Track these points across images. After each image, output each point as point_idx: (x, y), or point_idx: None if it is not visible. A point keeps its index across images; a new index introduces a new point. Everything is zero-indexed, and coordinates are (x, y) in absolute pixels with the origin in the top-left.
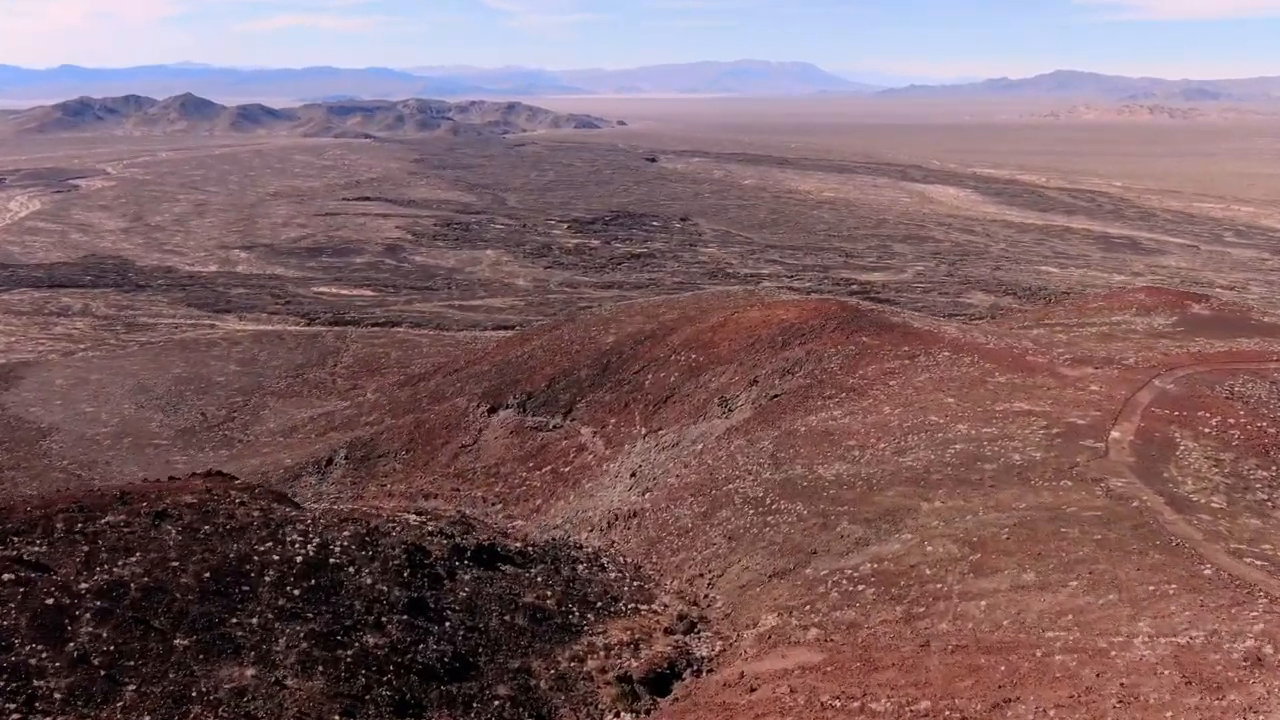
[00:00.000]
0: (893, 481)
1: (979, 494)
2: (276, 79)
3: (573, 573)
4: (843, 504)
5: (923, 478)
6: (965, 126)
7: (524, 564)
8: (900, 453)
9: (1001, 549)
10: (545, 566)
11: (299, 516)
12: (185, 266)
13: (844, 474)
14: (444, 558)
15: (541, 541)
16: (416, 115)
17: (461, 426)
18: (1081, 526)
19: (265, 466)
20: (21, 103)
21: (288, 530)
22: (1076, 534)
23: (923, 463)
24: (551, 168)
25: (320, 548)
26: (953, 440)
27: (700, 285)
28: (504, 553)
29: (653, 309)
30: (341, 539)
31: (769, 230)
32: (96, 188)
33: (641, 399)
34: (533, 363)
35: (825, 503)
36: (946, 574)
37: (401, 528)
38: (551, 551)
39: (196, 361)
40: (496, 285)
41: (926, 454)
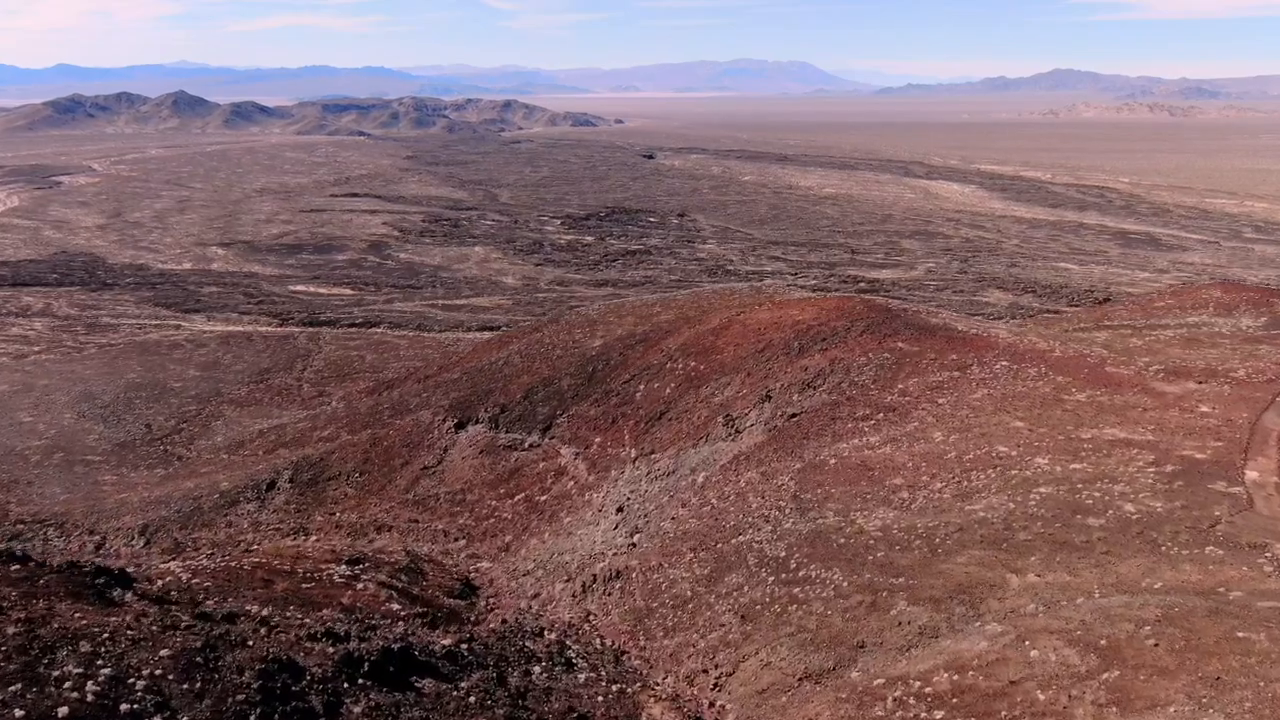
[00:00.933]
0: (962, 540)
1: (1089, 564)
2: (273, 78)
3: (525, 682)
4: (897, 572)
5: (1004, 536)
6: (964, 124)
7: (454, 674)
8: (965, 497)
9: (1149, 662)
10: (485, 675)
11: (92, 629)
12: (158, 264)
13: (893, 526)
14: (327, 678)
15: (485, 635)
16: (412, 113)
17: (424, 444)
18: (1267, 627)
19: (199, 490)
20: (16, 102)
21: (62, 658)
22: (1264, 641)
23: (999, 514)
24: (546, 164)
25: (111, 686)
26: (1034, 481)
27: (699, 283)
28: (424, 658)
29: (646, 309)
30: (152, 666)
31: (770, 226)
32: (79, 184)
33: (632, 414)
34: (508, 370)
35: (872, 569)
36: (1070, 702)
37: (267, 631)
38: (497, 649)
39: (154, 366)
40: (483, 283)
41: (1002, 500)
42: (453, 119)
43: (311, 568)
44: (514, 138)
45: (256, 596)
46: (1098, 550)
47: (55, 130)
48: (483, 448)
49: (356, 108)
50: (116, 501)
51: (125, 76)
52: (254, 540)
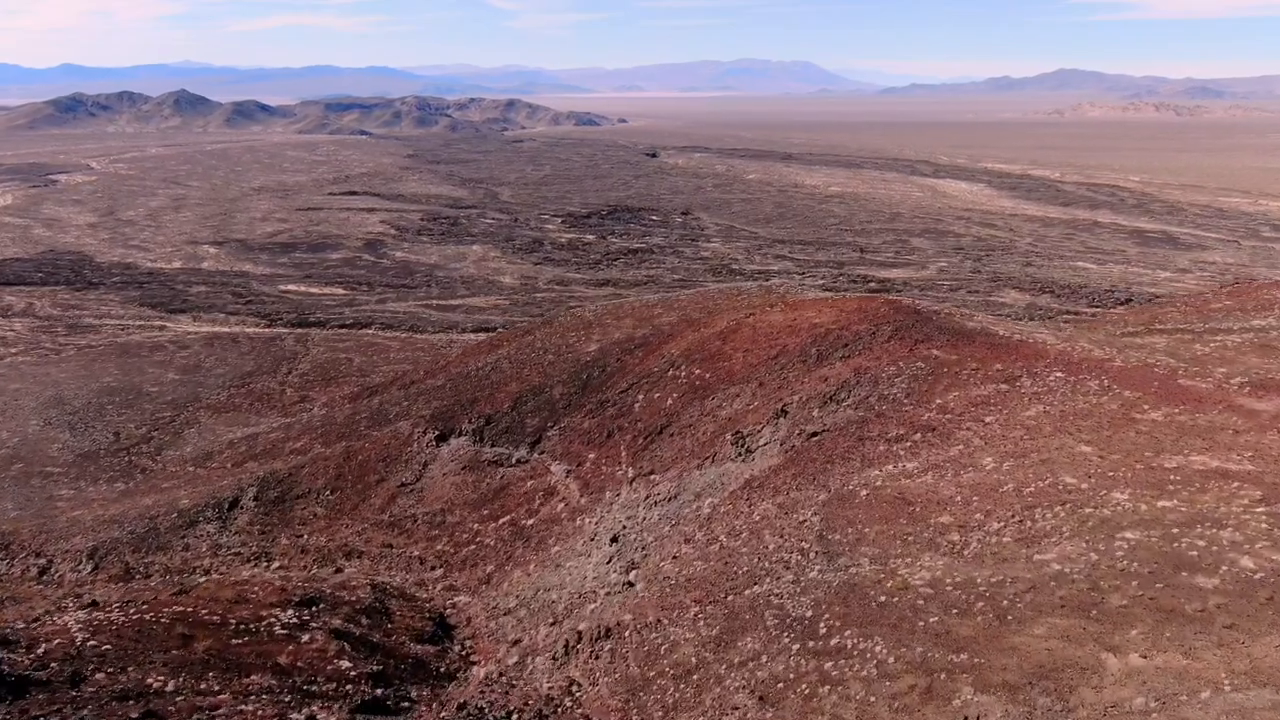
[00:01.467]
0: (1037, 603)
1: (1209, 641)
2: (276, 78)
3: None
4: (957, 645)
5: (1091, 599)
6: (970, 124)
7: None
8: (1031, 542)
9: None
10: None
11: None
12: (147, 263)
13: (945, 580)
14: None
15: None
16: (414, 112)
17: (402, 459)
18: None
19: (157, 508)
20: (19, 101)
21: None
22: None
23: (1080, 567)
24: (548, 162)
25: None
26: (1116, 523)
27: (703, 282)
28: None
29: (646, 310)
30: None
31: (776, 225)
32: (75, 183)
33: (630, 428)
34: (496, 377)
35: (924, 640)
36: None
37: None
38: None
39: (133, 368)
40: (480, 283)
41: (1080, 549)
42: (455, 118)
43: (250, 616)
44: (516, 137)
45: (168, 661)
46: (1218, 623)
47: (56, 129)
48: (465, 463)
49: (359, 107)
50: (69, 520)
51: (129, 76)
52: (211, 566)
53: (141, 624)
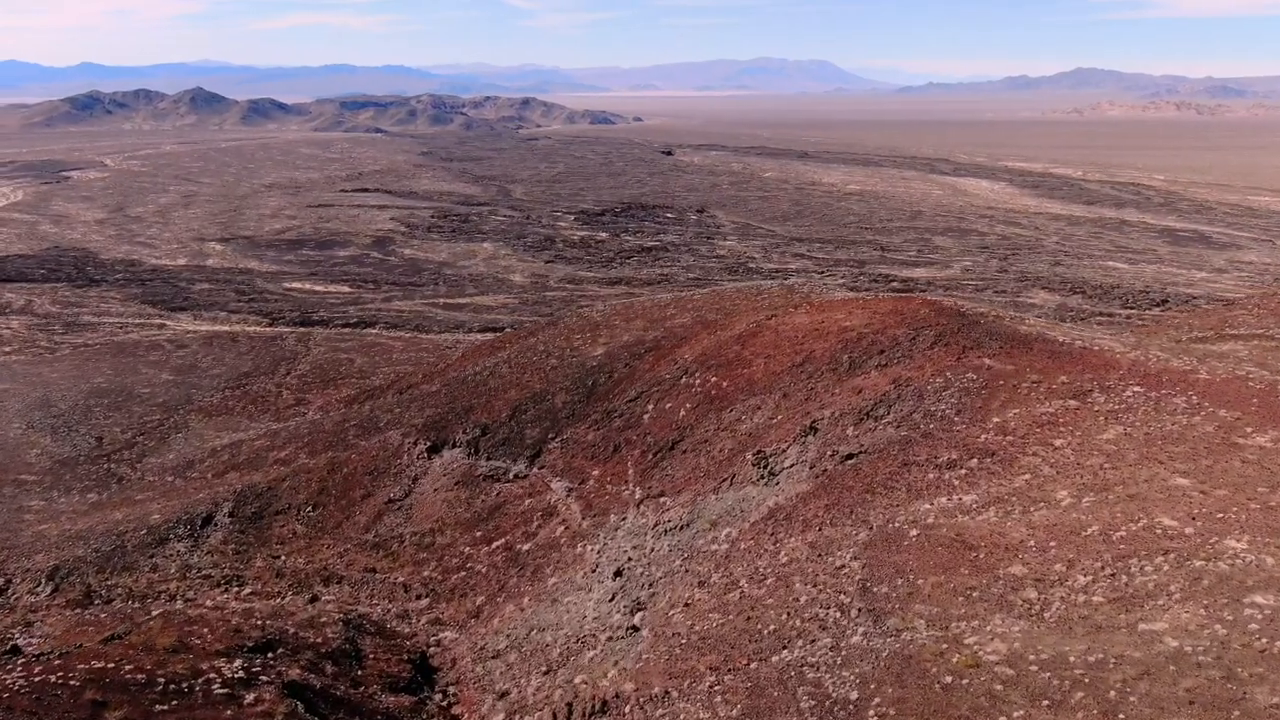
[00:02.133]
0: (1155, 698)
1: None
2: (293, 76)
3: None
4: None
5: (1228, 694)
6: (988, 123)
7: None
8: (1130, 605)
9: None
10: None
11: None
12: (152, 260)
13: (1026, 654)
14: None
15: None
16: (429, 110)
17: (391, 472)
18: None
19: (127, 524)
20: (37, 99)
21: None
22: None
23: (1204, 644)
24: (562, 160)
25: None
26: (1241, 583)
27: (719, 281)
28: None
29: (658, 310)
30: None
31: (793, 222)
32: (87, 179)
33: (638, 441)
34: (494, 382)
35: None
36: None
37: None
38: None
39: (126, 369)
40: (489, 281)
41: (1198, 617)
42: (470, 116)
43: (187, 670)
44: (531, 135)
45: None
46: None
47: (73, 126)
48: (459, 478)
49: (374, 105)
50: (34, 535)
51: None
52: (178, 590)
53: (44, 688)
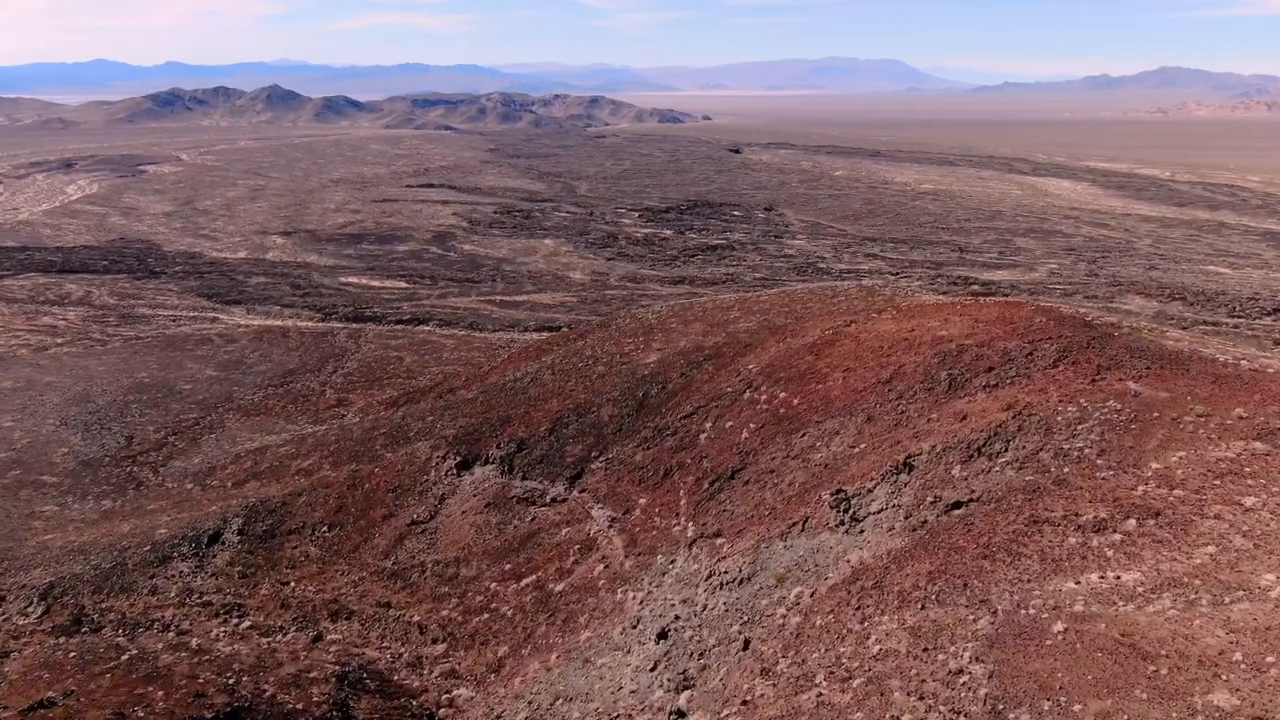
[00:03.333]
0: None
1: None
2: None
3: None
4: None
5: None
6: (1067, 123)
7: None
8: None
9: None
10: None
11: None
12: (213, 252)
13: None
14: None
15: None
16: (499, 108)
17: (416, 489)
18: None
19: (132, 538)
20: (124, 97)
21: None
22: None
23: None
24: (629, 157)
25: None
26: None
27: (787, 282)
28: None
29: (719, 312)
30: None
31: (865, 222)
32: (161, 173)
33: (693, 467)
34: (535, 390)
35: None
36: None
37: None
38: None
39: (173, 363)
40: (548, 278)
41: None
42: (539, 114)
43: None
44: (599, 133)
45: None
46: None
47: (154, 123)
48: (490, 499)
49: (445, 103)
50: (38, 545)
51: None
52: (173, 619)
53: None
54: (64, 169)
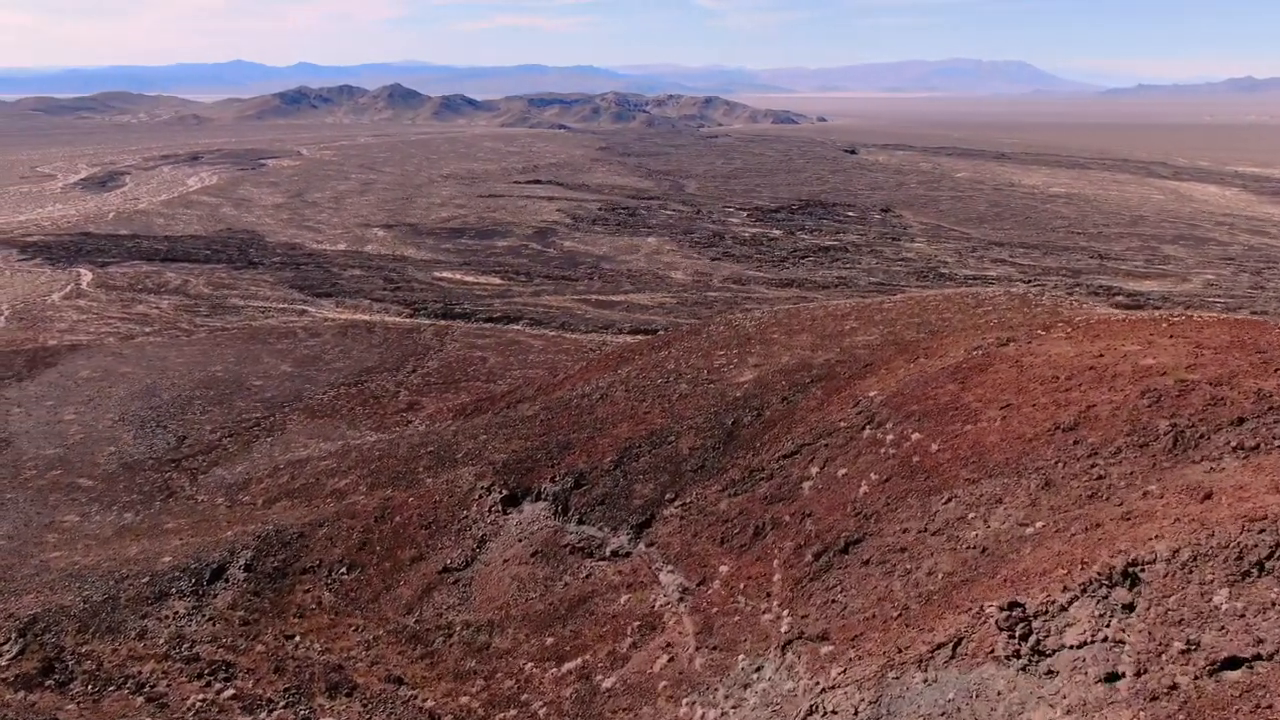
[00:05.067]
0: None
1: None
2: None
3: None
4: None
5: None
6: (1209, 126)
7: None
8: None
9: None
10: None
11: None
12: (313, 244)
13: None
14: None
15: None
16: (613, 108)
17: (453, 527)
18: None
19: (134, 565)
20: (255, 95)
21: None
22: None
23: None
24: (740, 156)
25: None
26: None
27: (905, 287)
28: None
29: (832, 321)
30: None
31: (990, 225)
32: (280, 167)
33: (792, 527)
34: (603, 410)
35: None
36: None
37: None
38: None
39: (250, 356)
40: (648, 278)
41: None
42: (652, 114)
43: None
44: (711, 133)
45: None
46: None
47: (281, 120)
48: (538, 546)
49: (560, 102)
50: (40, 564)
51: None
52: (151, 675)
53: None
54: (190, 162)
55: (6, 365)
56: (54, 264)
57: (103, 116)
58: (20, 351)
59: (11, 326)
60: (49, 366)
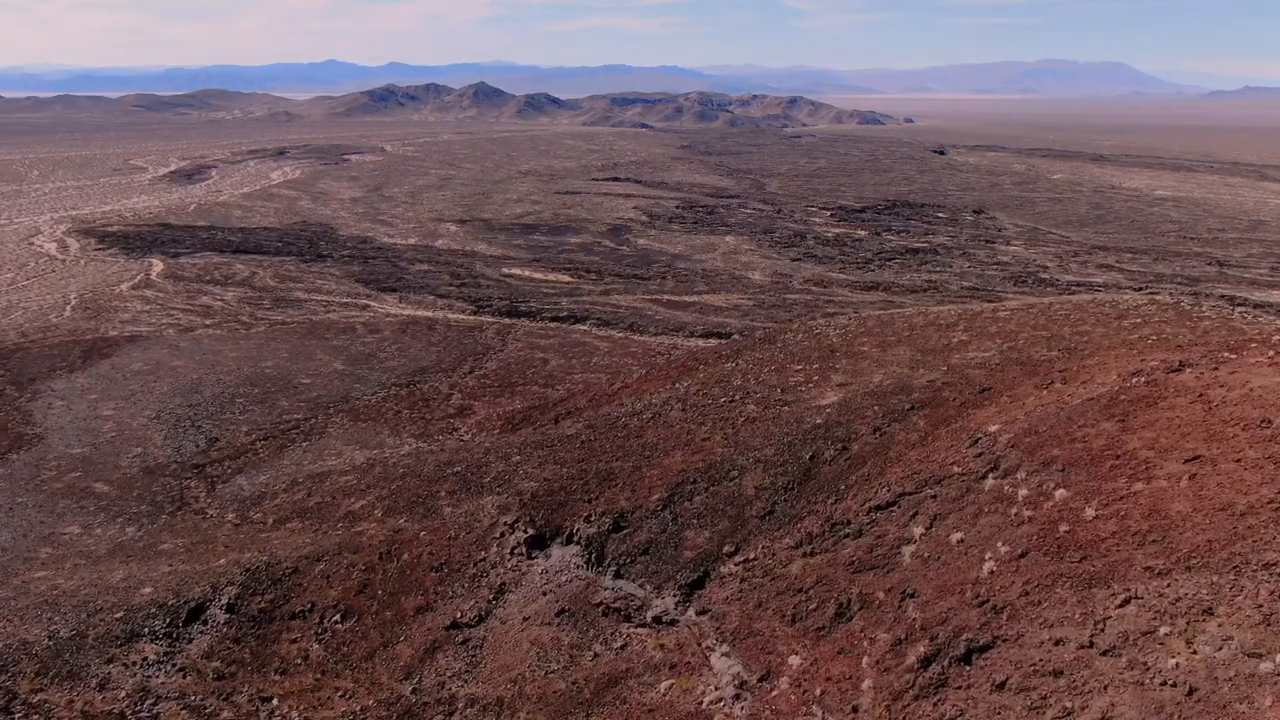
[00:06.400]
0: None
1: None
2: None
3: None
4: None
5: None
6: None
7: None
8: None
9: None
10: None
11: None
12: (384, 238)
13: None
14: None
15: None
16: (696, 107)
17: (468, 571)
18: None
19: (112, 595)
20: (346, 93)
21: None
22: None
23: None
24: (824, 156)
25: None
26: None
27: (1001, 292)
28: None
29: (935, 332)
30: None
31: (1092, 229)
32: (362, 162)
33: (889, 613)
34: (653, 434)
35: None
36: None
37: None
38: None
39: (303, 353)
40: (724, 278)
41: None
42: (735, 114)
43: None
44: (795, 132)
45: None
46: None
47: (368, 116)
48: (565, 603)
49: (642, 101)
50: (21, 585)
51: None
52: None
53: None
54: (275, 157)
55: (63, 356)
56: (128, 254)
57: (199, 113)
58: (79, 342)
59: (76, 316)
60: (104, 358)
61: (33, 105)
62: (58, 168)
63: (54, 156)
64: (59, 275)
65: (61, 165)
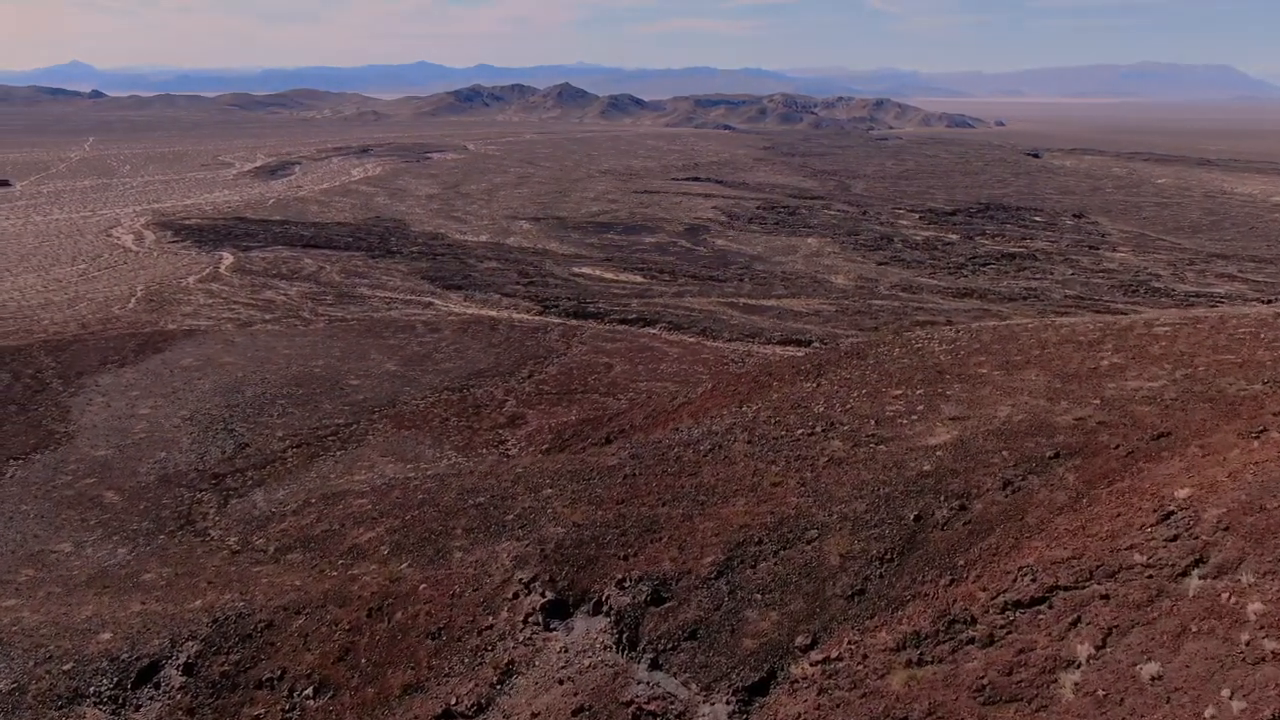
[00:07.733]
0: None
1: None
2: (656, 77)
3: None
4: None
5: None
6: None
7: None
8: None
9: None
10: None
11: None
12: (455, 235)
13: None
14: None
15: None
16: (780, 109)
17: (470, 641)
18: None
19: (68, 639)
20: (433, 93)
21: None
22: None
23: None
24: (912, 158)
25: None
26: None
27: (1109, 302)
28: None
29: (1075, 351)
30: None
31: (1206, 235)
32: (443, 160)
33: None
34: (710, 472)
35: None
36: None
37: None
38: None
39: (357, 352)
40: (805, 281)
41: None
42: (820, 116)
43: None
44: (882, 135)
45: None
46: None
47: (454, 116)
48: (586, 698)
49: (726, 103)
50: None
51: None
52: None
53: None
54: (359, 154)
55: (117, 350)
56: (200, 246)
57: (290, 112)
58: (137, 335)
59: (139, 309)
60: (156, 353)
61: (134, 104)
62: (149, 163)
63: (147, 152)
64: (130, 267)
65: (153, 160)
